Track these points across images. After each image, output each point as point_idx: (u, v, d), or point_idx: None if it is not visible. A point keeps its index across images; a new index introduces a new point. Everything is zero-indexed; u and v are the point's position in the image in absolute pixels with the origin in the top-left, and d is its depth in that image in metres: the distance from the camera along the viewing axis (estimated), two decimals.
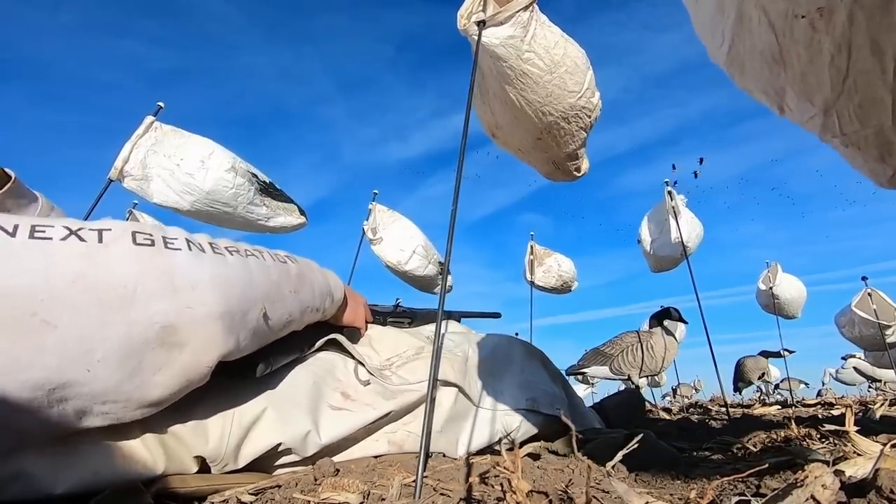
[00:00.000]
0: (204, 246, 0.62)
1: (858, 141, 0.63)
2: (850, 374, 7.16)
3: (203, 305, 0.57)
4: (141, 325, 0.52)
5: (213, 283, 0.58)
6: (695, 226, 3.37)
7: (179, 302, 0.55)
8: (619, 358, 3.54)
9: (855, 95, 0.57)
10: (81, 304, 0.49)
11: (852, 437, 0.67)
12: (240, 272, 0.63)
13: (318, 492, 0.61)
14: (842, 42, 0.54)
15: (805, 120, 0.65)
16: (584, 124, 1.47)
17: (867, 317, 4.06)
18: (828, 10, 0.52)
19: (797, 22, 0.55)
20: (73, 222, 0.54)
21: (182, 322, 0.55)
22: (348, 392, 0.86)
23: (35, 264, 0.48)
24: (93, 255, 0.51)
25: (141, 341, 0.52)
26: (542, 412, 1.07)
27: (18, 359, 0.46)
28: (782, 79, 0.63)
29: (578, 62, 1.36)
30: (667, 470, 0.76)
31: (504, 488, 0.50)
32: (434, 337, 0.82)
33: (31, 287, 0.47)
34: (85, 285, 0.49)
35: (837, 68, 0.56)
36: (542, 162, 1.63)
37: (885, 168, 0.64)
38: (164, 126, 2.31)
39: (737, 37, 0.64)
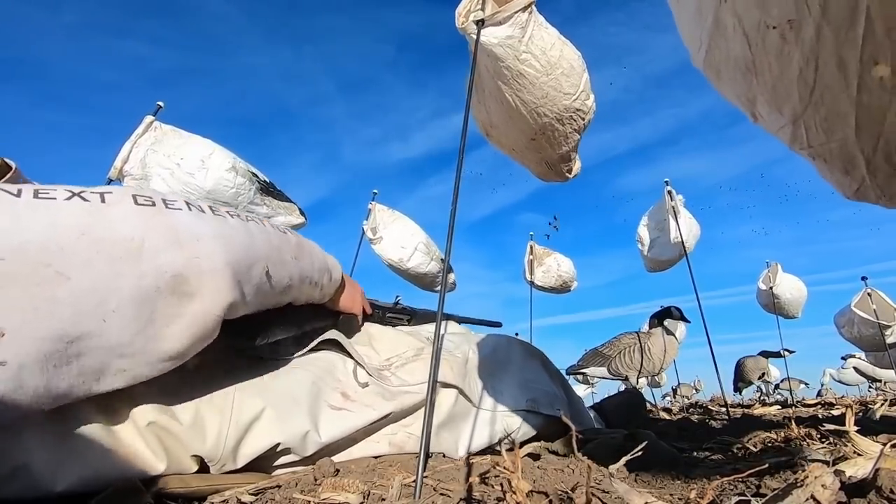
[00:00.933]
0: (204, 208, 0.63)
1: (824, 153, 0.64)
2: (851, 375, 7.16)
3: (209, 255, 0.58)
4: (151, 275, 0.53)
5: (217, 238, 0.60)
6: (692, 226, 3.37)
7: (186, 252, 0.56)
8: (617, 359, 3.54)
9: (821, 108, 0.59)
10: (91, 256, 0.50)
11: (852, 437, 0.67)
12: (241, 232, 0.65)
13: (318, 492, 0.61)
14: (810, 55, 0.55)
15: (776, 129, 0.67)
16: (577, 126, 1.48)
17: (867, 317, 4.06)
18: (797, 23, 0.54)
19: (769, 32, 0.56)
20: (74, 187, 0.55)
21: (191, 271, 0.56)
22: (348, 392, 0.86)
23: (42, 220, 0.49)
24: (96, 212, 0.52)
25: (153, 291, 0.53)
26: (542, 413, 1.07)
27: (37, 309, 0.46)
28: (754, 87, 0.64)
29: (574, 64, 1.37)
30: (667, 470, 0.76)
31: (504, 488, 0.50)
32: (434, 336, 0.82)
33: (43, 241, 0.47)
34: (92, 238, 0.50)
35: (805, 81, 0.57)
36: (536, 162, 1.64)
37: (850, 181, 0.66)
38: (164, 126, 2.31)
39: (713, 43, 0.65)
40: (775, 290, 4.57)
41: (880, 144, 0.58)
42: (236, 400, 0.72)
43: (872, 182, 0.63)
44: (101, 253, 0.50)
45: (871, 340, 4.19)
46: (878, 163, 0.60)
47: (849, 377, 7.43)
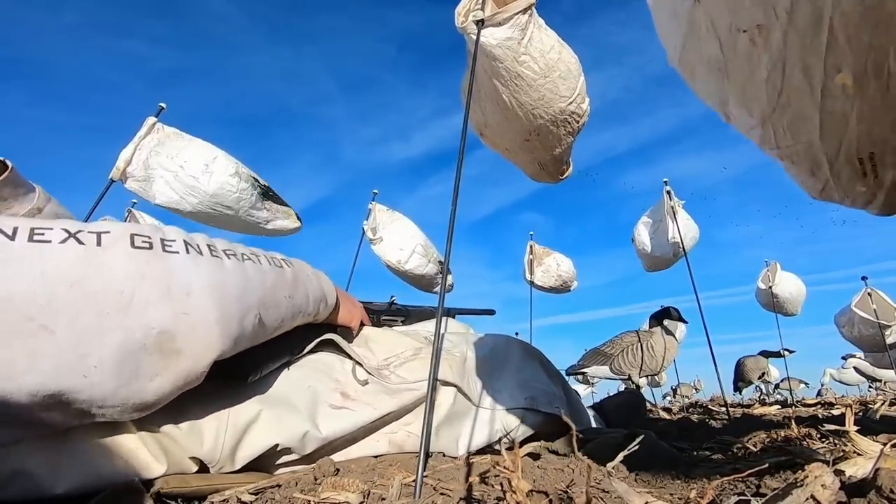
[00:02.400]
0: (202, 248, 0.62)
1: (791, 154, 0.66)
2: (851, 375, 7.16)
3: (199, 311, 0.57)
4: (138, 331, 0.52)
5: (210, 289, 0.58)
6: (690, 227, 3.37)
7: (176, 307, 0.55)
8: (619, 357, 3.54)
9: (788, 111, 0.61)
10: (79, 309, 0.49)
11: (852, 437, 0.67)
12: (237, 277, 0.63)
13: (318, 491, 0.61)
14: (777, 60, 0.56)
15: (747, 130, 0.68)
16: (572, 129, 1.49)
17: (867, 317, 4.06)
18: (766, 28, 0.55)
19: (739, 36, 0.58)
20: (72, 224, 0.54)
21: (179, 328, 0.55)
22: (348, 392, 0.86)
23: (34, 269, 0.48)
24: (91, 258, 0.51)
25: (138, 347, 0.52)
26: (541, 410, 1.07)
27: (15, 364, 0.46)
28: (726, 88, 0.66)
29: (572, 68, 1.38)
30: (667, 470, 0.76)
31: (504, 488, 0.50)
32: (434, 336, 0.82)
33: (30, 292, 0.47)
34: (83, 291, 0.49)
35: (773, 84, 0.59)
36: (528, 163, 1.65)
37: (815, 182, 0.68)
38: (166, 128, 2.31)
39: (688, 43, 0.67)
40: (775, 289, 4.57)
41: (843, 148, 0.60)
42: (232, 402, 0.72)
43: (836, 184, 0.66)
44: (90, 306, 0.49)
45: (872, 340, 4.19)
46: (840, 165, 0.63)
47: (849, 377, 7.42)
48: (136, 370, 0.53)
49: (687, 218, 3.37)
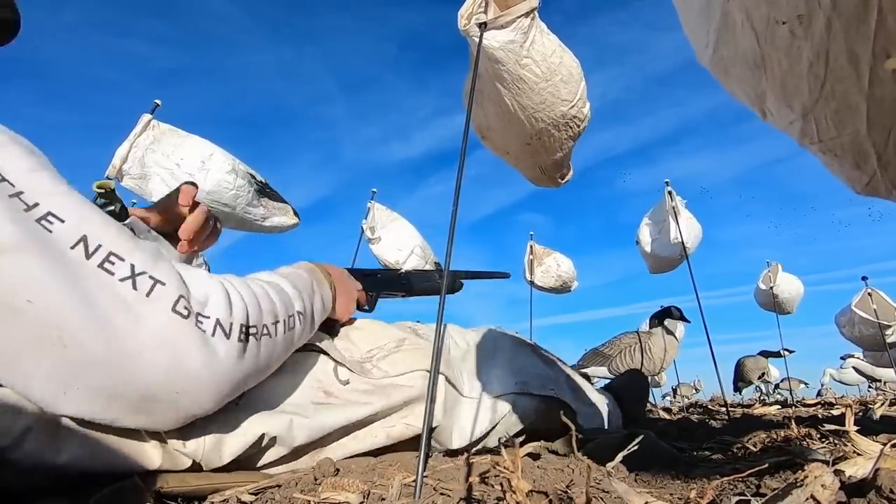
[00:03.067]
0: (232, 331, 0.60)
1: (835, 147, 0.64)
2: (850, 375, 7.16)
3: (195, 396, 0.58)
4: (126, 385, 0.53)
5: (214, 382, 0.59)
6: (693, 227, 3.37)
7: (173, 385, 0.55)
8: (618, 359, 3.54)
9: (832, 102, 0.58)
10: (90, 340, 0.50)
11: (852, 437, 0.67)
12: (250, 366, 0.64)
13: (318, 492, 0.61)
14: (820, 49, 0.55)
15: (785, 125, 0.66)
16: (572, 133, 1.49)
17: (867, 316, 4.06)
18: (807, 18, 0.53)
19: (778, 28, 0.56)
20: (142, 260, 0.55)
21: (164, 398, 0.56)
22: (331, 391, 0.85)
23: (77, 288, 0.49)
24: (133, 306, 0.52)
25: (117, 395, 0.54)
26: (534, 393, 1.07)
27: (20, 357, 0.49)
28: (764, 83, 0.64)
29: (573, 72, 1.38)
30: (667, 470, 0.76)
31: (504, 488, 0.50)
32: (434, 336, 0.81)
33: (62, 307, 0.48)
34: (110, 331, 0.51)
35: (816, 75, 0.57)
36: (529, 166, 1.65)
37: (860, 175, 0.66)
38: (162, 125, 2.31)
39: (721, 39, 0.65)
40: (776, 290, 4.57)
41: (892, 138, 0.58)
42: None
43: (884, 176, 0.63)
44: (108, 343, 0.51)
45: (872, 340, 4.19)
46: (889, 156, 0.60)
47: (848, 377, 7.43)
48: (105, 407, 0.54)
49: (689, 217, 3.37)
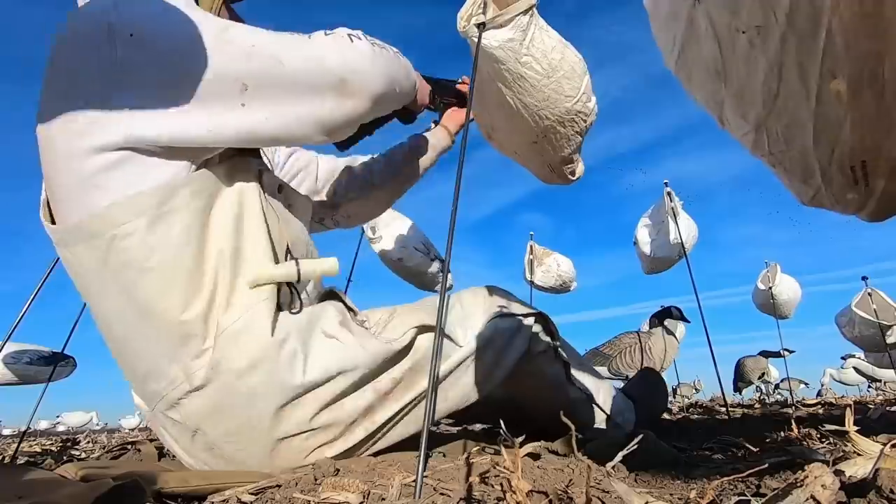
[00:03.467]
0: (363, 39, 0.82)
1: (784, 161, 0.66)
2: (851, 375, 7.16)
3: (367, 79, 0.80)
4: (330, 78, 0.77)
5: (371, 63, 0.81)
6: (691, 227, 3.37)
7: (350, 65, 0.79)
8: (618, 359, 3.54)
9: (783, 116, 0.60)
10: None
11: (852, 437, 0.67)
12: (383, 59, 0.85)
13: (318, 492, 0.61)
14: (774, 62, 0.56)
15: (740, 135, 0.68)
16: (579, 129, 1.48)
17: (867, 317, 4.06)
18: (764, 29, 0.55)
19: (738, 36, 0.58)
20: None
21: (351, 77, 0.78)
22: (346, 323, 0.88)
23: (336, 49, 0.79)
24: (342, 44, 0.79)
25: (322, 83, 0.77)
26: (513, 313, 1.03)
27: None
28: (723, 91, 0.66)
29: (576, 67, 1.37)
30: (667, 470, 0.76)
31: (504, 488, 0.50)
32: (435, 336, 0.81)
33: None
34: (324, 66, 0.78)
35: (769, 87, 0.59)
36: (538, 165, 1.63)
37: (807, 189, 0.68)
38: None
39: (686, 44, 0.66)
40: (774, 290, 4.57)
41: (835, 156, 0.60)
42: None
43: (828, 191, 0.66)
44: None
45: (872, 340, 4.19)
46: (833, 173, 0.63)
47: (849, 377, 7.42)
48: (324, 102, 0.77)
49: (687, 218, 3.37)
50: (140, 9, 0.68)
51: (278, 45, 0.74)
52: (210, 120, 0.70)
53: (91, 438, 3.57)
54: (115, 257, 0.72)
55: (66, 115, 0.68)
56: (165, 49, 0.68)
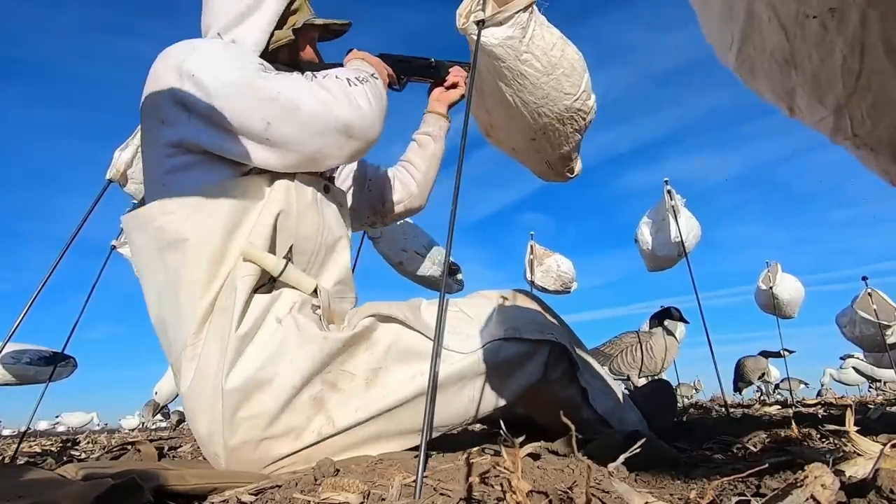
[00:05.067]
0: (354, 84, 0.98)
1: (871, 142, 0.62)
2: (851, 375, 7.15)
3: (367, 122, 0.97)
4: (339, 122, 0.93)
5: (375, 112, 0.99)
6: (693, 226, 3.36)
7: (358, 113, 0.96)
8: (619, 358, 3.54)
9: (868, 95, 0.57)
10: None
11: (852, 437, 0.67)
12: (372, 96, 1.00)
13: (318, 492, 0.61)
14: (854, 42, 0.53)
15: (816, 121, 0.65)
16: (578, 126, 1.47)
17: (868, 317, 4.06)
18: (839, 11, 0.52)
19: (808, 22, 0.55)
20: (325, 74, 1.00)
21: (357, 124, 0.95)
22: (297, 312, 0.91)
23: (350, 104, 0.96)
24: (348, 94, 0.96)
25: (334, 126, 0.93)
26: (525, 338, 0.99)
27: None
28: (793, 80, 0.62)
29: (575, 65, 1.37)
30: (667, 470, 0.76)
31: (504, 488, 0.50)
32: (434, 337, 0.81)
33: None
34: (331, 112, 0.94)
35: (850, 68, 0.56)
36: (536, 162, 1.63)
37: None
38: None
39: (746, 38, 0.64)
40: (775, 290, 4.57)
41: None
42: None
43: None
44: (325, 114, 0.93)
45: (873, 340, 4.19)
46: None
47: (849, 377, 7.42)
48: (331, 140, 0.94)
49: (689, 216, 3.36)
50: (204, 58, 0.91)
51: (298, 94, 0.90)
52: (237, 146, 0.90)
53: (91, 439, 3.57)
54: (159, 236, 0.90)
55: (150, 123, 0.95)
56: (211, 89, 0.88)
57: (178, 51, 0.93)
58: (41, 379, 3.27)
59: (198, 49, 0.93)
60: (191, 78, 0.88)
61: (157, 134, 0.92)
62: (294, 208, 0.97)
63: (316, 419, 0.85)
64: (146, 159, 0.97)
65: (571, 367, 1.07)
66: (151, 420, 8.35)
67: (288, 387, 0.84)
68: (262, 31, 1.05)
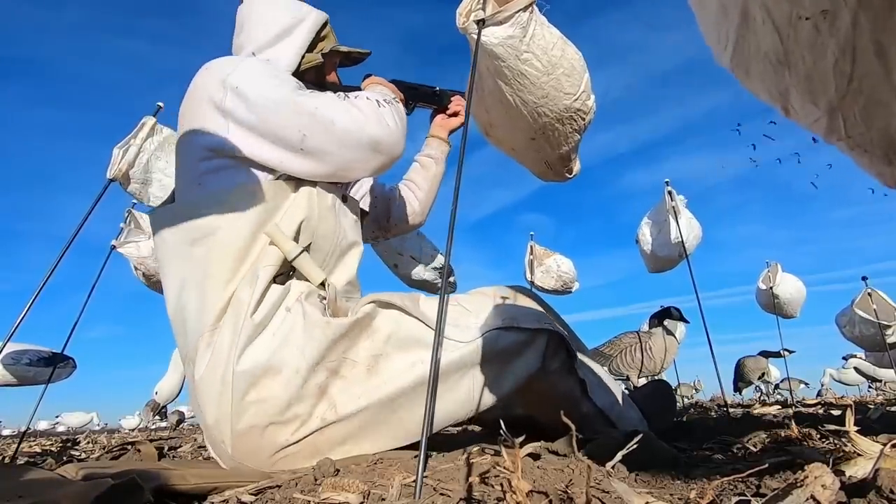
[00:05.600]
0: (383, 105, 1.07)
1: (864, 143, 0.63)
2: (851, 375, 7.15)
3: (392, 139, 1.06)
4: (368, 139, 1.02)
5: (397, 129, 1.07)
6: (693, 226, 3.35)
7: (385, 131, 1.04)
8: (618, 359, 3.54)
9: (860, 97, 0.57)
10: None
11: (852, 437, 0.67)
12: (394, 114, 1.08)
13: (318, 492, 0.61)
14: (846, 45, 0.54)
15: (810, 122, 0.65)
16: (578, 126, 1.47)
17: (868, 317, 4.06)
18: (832, 13, 0.53)
19: (801, 24, 0.56)
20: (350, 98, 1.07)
21: (385, 140, 1.04)
22: (304, 300, 0.95)
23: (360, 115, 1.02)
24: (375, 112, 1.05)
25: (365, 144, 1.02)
26: (523, 327, 1.01)
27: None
28: (787, 81, 0.63)
29: (576, 64, 1.37)
30: (667, 470, 0.76)
31: (504, 488, 0.50)
32: (434, 338, 0.81)
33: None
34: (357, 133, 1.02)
35: (842, 71, 0.56)
36: (535, 162, 1.63)
37: (891, 170, 0.64)
38: (165, 129, 2.30)
39: (741, 38, 0.64)
40: (775, 289, 4.56)
41: None
42: None
43: None
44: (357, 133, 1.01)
45: (873, 340, 4.19)
46: None
47: (849, 377, 7.41)
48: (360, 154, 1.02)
49: (690, 217, 3.36)
50: (247, 72, 0.98)
51: (333, 111, 0.98)
52: (272, 154, 0.97)
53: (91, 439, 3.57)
54: (190, 230, 0.95)
55: (189, 130, 1.00)
56: (253, 102, 0.95)
57: (222, 65, 1.01)
58: (41, 380, 3.27)
59: (241, 65, 1.00)
60: (234, 90, 0.95)
61: (197, 140, 0.98)
62: (315, 211, 1.03)
63: (319, 405, 0.88)
64: (182, 162, 1.03)
65: (569, 358, 1.09)
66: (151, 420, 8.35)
67: (295, 373, 0.87)
68: (295, 54, 1.13)
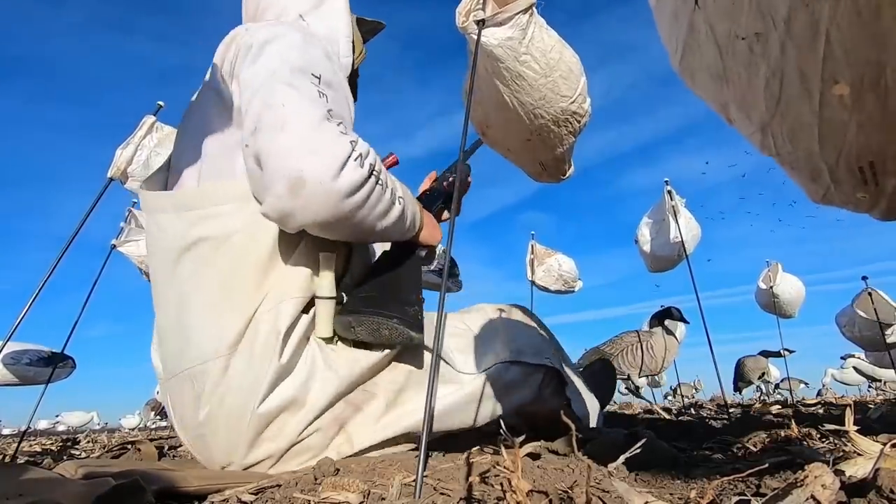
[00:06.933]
0: (365, 165, 0.76)
1: (792, 161, 0.66)
2: (851, 374, 7.15)
3: (319, 200, 0.74)
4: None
5: (337, 194, 0.73)
6: (693, 226, 3.36)
7: (319, 176, 0.73)
8: (619, 357, 3.54)
9: (787, 119, 0.61)
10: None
11: (852, 437, 0.67)
12: (363, 198, 0.76)
13: (318, 491, 0.61)
14: (776, 67, 0.56)
15: (748, 134, 0.69)
16: (573, 129, 1.49)
17: (867, 316, 4.06)
18: (764, 37, 0.55)
19: (738, 42, 0.58)
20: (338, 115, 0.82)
21: (311, 185, 0.73)
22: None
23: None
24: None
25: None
26: (528, 363, 1.09)
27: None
28: (725, 94, 0.66)
29: (573, 68, 1.38)
30: (667, 470, 0.76)
31: (504, 488, 0.50)
32: (434, 338, 0.81)
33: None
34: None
35: (772, 92, 0.59)
36: (530, 162, 1.65)
37: (817, 188, 0.68)
38: (165, 127, 2.31)
39: (687, 47, 0.67)
40: (776, 289, 4.57)
41: (842, 157, 0.60)
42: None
43: (837, 190, 0.66)
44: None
45: (872, 340, 4.19)
46: (841, 173, 0.63)
47: (849, 377, 7.42)
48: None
49: (689, 217, 3.36)
50: (248, 70, 0.82)
51: (300, 116, 0.74)
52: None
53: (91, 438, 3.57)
54: (199, 224, 0.82)
55: (217, 103, 0.89)
56: (239, 89, 0.83)
57: (231, 57, 0.89)
58: (40, 379, 3.28)
59: (278, 31, 0.87)
60: (235, 80, 0.85)
61: (223, 107, 0.87)
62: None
63: (336, 439, 0.87)
64: (211, 127, 0.89)
65: (561, 385, 1.18)
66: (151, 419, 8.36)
67: (315, 408, 0.83)
68: (346, 37, 1.05)
